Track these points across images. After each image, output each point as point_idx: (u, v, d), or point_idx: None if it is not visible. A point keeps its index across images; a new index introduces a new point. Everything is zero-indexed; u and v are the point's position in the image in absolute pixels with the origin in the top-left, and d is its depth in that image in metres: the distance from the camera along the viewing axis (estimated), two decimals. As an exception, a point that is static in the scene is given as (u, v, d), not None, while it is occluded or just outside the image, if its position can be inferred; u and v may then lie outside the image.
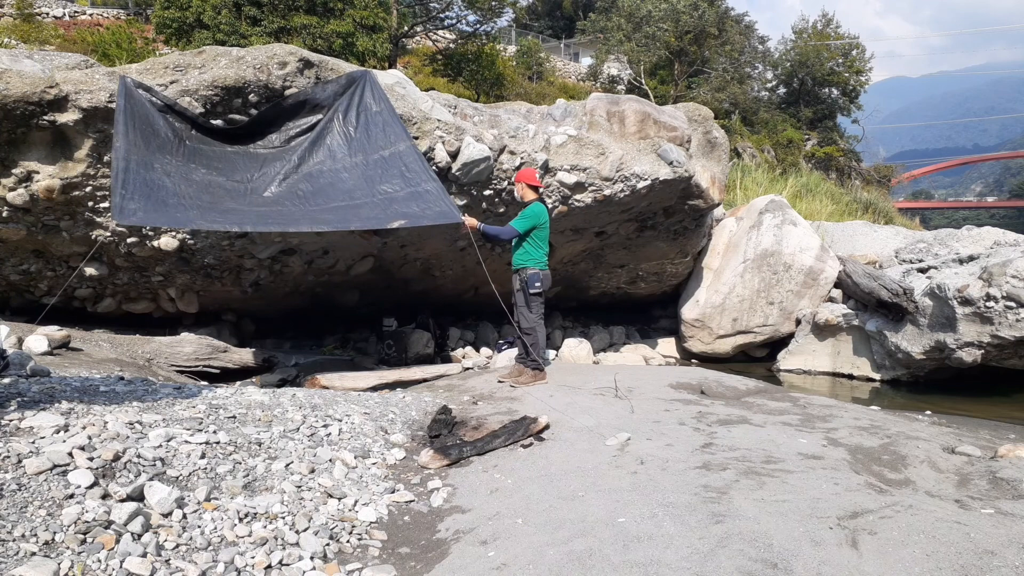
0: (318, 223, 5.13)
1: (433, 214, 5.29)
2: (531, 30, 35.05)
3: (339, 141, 5.65)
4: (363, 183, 5.39)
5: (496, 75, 21.22)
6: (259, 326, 8.12)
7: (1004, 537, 2.72)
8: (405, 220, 5.21)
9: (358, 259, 7.32)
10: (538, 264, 5.86)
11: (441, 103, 6.64)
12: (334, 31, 14.06)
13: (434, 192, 5.41)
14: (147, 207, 4.64)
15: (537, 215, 5.79)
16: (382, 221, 5.20)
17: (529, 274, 5.80)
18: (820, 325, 8.49)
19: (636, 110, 7.77)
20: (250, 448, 3.52)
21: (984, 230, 9.72)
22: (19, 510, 2.54)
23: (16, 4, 19.41)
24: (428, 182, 5.47)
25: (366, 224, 5.30)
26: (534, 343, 5.82)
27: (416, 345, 7.94)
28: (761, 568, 2.50)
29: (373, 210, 5.22)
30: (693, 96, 22.38)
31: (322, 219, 5.14)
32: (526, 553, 2.76)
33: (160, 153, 5.06)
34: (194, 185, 5.05)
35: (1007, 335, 6.62)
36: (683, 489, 3.30)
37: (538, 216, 5.79)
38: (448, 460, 3.96)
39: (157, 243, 6.22)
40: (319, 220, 5.13)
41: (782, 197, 10.30)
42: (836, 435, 4.38)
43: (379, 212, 5.21)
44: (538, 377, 5.86)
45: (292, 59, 5.79)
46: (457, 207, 5.68)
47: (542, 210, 5.87)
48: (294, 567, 2.71)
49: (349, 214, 5.19)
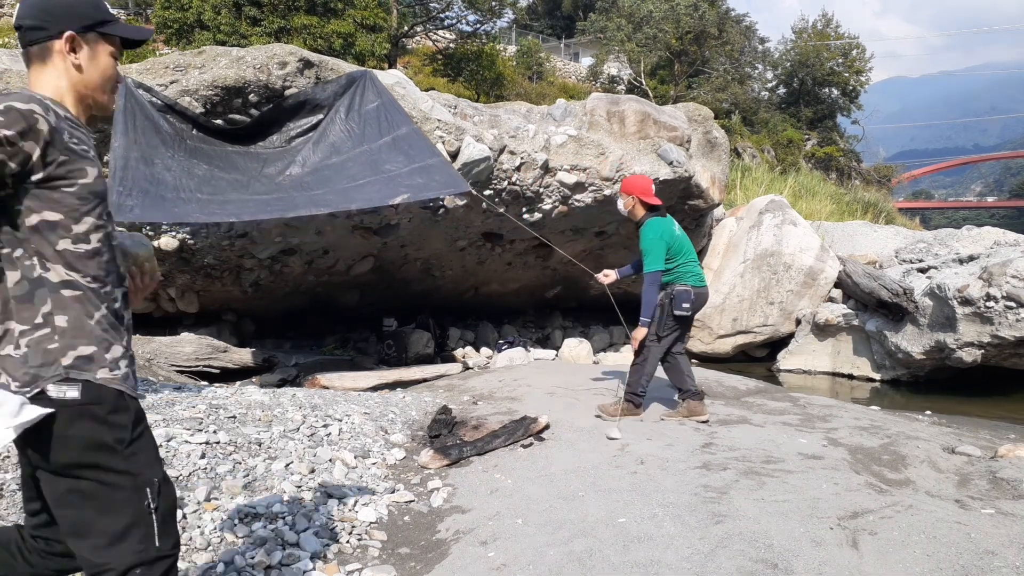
0: (319, 204, 5.07)
1: (437, 185, 5.21)
2: (531, 30, 35.03)
3: (342, 137, 5.63)
4: (367, 167, 5.34)
5: (496, 75, 21.22)
6: (259, 326, 8.11)
7: (1004, 537, 2.72)
8: (408, 194, 5.08)
9: (358, 259, 7.32)
10: (693, 279, 4.69)
11: (441, 103, 6.64)
12: (334, 31, 14.06)
13: (438, 165, 5.34)
14: (144, 203, 4.61)
15: (660, 233, 4.60)
16: (385, 197, 5.11)
17: (678, 290, 4.62)
18: (820, 325, 8.49)
19: (636, 110, 7.77)
20: (250, 448, 3.52)
21: (984, 230, 9.71)
22: (19, 510, 2.54)
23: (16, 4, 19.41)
24: (432, 157, 5.40)
25: (368, 202, 5.13)
26: (639, 371, 4.79)
27: (416, 345, 7.94)
28: (761, 568, 2.50)
29: (376, 187, 5.14)
30: (693, 96, 22.37)
31: (323, 200, 5.09)
32: (526, 553, 2.76)
33: (162, 148, 5.04)
34: (196, 179, 5.03)
35: (1007, 335, 6.62)
36: (683, 489, 3.30)
37: (662, 233, 4.61)
38: (448, 460, 3.95)
39: (157, 243, 6.22)
40: (320, 202, 5.08)
41: (782, 197, 10.31)
42: (836, 435, 4.38)
43: (382, 188, 5.13)
44: (629, 411, 4.78)
45: (292, 59, 5.79)
46: (462, 177, 5.59)
47: (663, 224, 4.67)
48: (294, 567, 2.70)
49: (352, 192, 5.13)
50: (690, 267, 4.70)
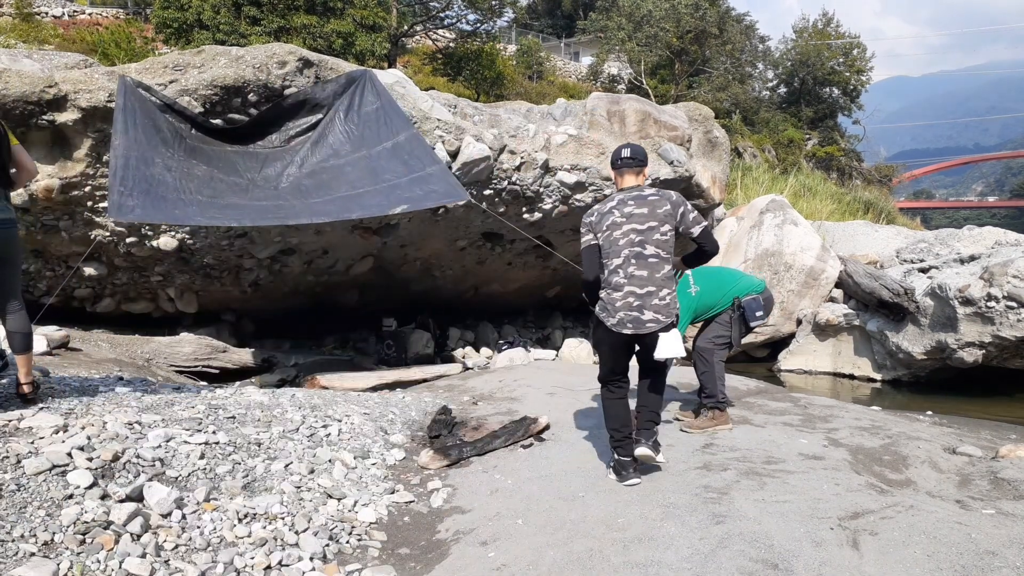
0: (319, 214, 5.07)
1: (437, 195, 5.21)
2: (531, 29, 35.02)
3: (341, 139, 5.62)
4: (366, 174, 5.34)
5: (496, 74, 21.22)
6: (259, 326, 8.10)
7: (1005, 538, 2.71)
8: (407, 204, 5.09)
9: (358, 259, 7.31)
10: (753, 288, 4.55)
11: (441, 102, 6.63)
12: (334, 30, 14.06)
13: (437, 174, 5.34)
14: (145, 203, 4.60)
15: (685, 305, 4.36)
16: (384, 208, 5.12)
17: (749, 300, 4.49)
18: (821, 325, 8.48)
19: (636, 109, 7.77)
20: (249, 448, 3.51)
21: (985, 230, 9.69)
22: (18, 510, 2.54)
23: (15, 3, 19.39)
24: (431, 165, 5.39)
25: (367, 212, 5.16)
26: (711, 378, 4.53)
27: (416, 345, 7.93)
28: (762, 569, 2.49)
29: (375, 197, 5.15)
30: (694, 96, 22.36)
31: (323, 210, 5.09)
32: (526, 554, 2.75)
33: (163, 148, 5.03)
34: (195, 180, 5.03)
35: (1008, 335, 6.61)
36: (683, 489, 3.29)
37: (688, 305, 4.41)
38: (448, 460, 3.95)
39: (156, 243, 6.21)
40: (320, 211, 5.08)
41: (783, 197, 10.29)
42: (837, 435, 4.37)
43: (381, 199, 5.13)
44: (719, 419, 4.44)
45: (291, 58, 5.78)
46: (462, 185, 5.59)
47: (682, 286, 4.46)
48: (294, 568, 2.70)
49: (351, 203, 5.13)
50: (741, 283, 4.56)
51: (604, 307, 3.41)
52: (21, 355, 3.44)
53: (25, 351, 3.46)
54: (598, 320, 3.47)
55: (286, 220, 5.08)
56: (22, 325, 3.47)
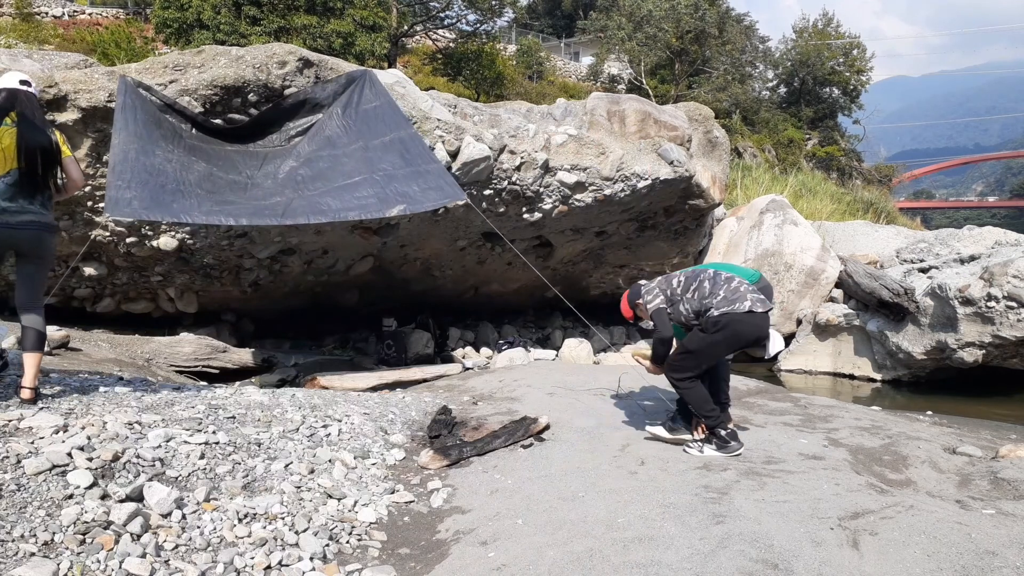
0: (316, 212, 5.05)
1: (435, 196, 5.21)
2: (531, 29, 35.02)
3: (339, 131, 5.61)
4: (363, 164, 5.33)
5: (496, 74, 21.22)
6: (259, 326, 8.10)
7: (1005, 538, 2.71)
8: (405, 204, 5.08)
9: (358, 259, 7.30)
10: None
11: (441, 102, 6.63)
12: (334, 30, 14.06)
13: (434, 172, 5.33)
14: (143, 195, 4.54)
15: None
16: (381, 205, 5.10)
17: None
18: (821, 325, 8.48)
19: (637, 109, 7.76)
20: (249, 448, 3.51)
21: (985, 230, 9.69)
22: (18, 510, 2.54)
23: (15, 3, 19.40)
24: (429, 163, 5.39)
25: (365, 212, 5.14)
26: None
27: (416, 345, 7.93)
28: (762, 569, 2.49)
29: (372, 187, 5.13)
30: (694, 95, 22.35)
31: (320, 205, 5.07)
32: (526, 554, 2.75)
33: (163, 143, 5.02)
34: (195, 174, 5.02)
35: (1008, 335, 6.61)
36: (684, 489, 3.29)
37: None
38: (448, 460, 3.95)
39: (156, 243, 6.21)
40: (317, 207, 5.06)
41: (783, 197, 10.30)
42: (837, 435, 4.37)
43: (378, 191, 5.11)
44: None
45: (291, 58, 5.78)
46: (459, 186, 5.59)
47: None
48: (293, 568, 2.70)
49: (347, 196, 5.11)
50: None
51: (729, 301, 3.78)
52: (31, 353, 3.48)
53: (36, 349, 3.51)
54: (716, 321, 3.79)
55: (284, 220, 5.07)
56: (38, 323, 3.56)
